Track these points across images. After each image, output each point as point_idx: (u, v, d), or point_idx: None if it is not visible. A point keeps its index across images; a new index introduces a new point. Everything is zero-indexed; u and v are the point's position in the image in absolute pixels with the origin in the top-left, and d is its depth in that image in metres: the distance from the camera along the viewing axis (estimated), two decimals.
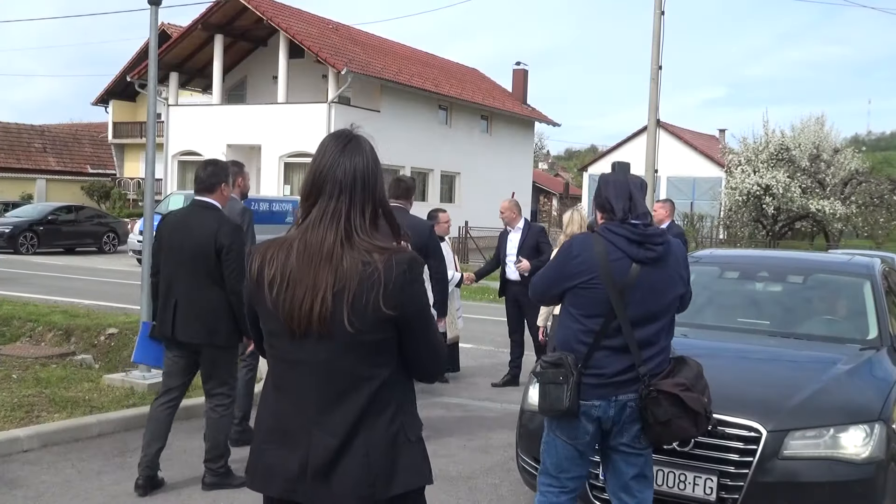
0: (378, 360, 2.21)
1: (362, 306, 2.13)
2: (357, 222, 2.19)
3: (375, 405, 2.20)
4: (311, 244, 2.17)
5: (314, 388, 2.21)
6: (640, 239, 3.60)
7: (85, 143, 41.85)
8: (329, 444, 2.19)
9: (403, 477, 2.22)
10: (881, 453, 4.15)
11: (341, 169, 2.23)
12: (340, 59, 29.16)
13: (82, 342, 9.77)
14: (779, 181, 29.17)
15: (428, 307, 2.32)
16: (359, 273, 2.14)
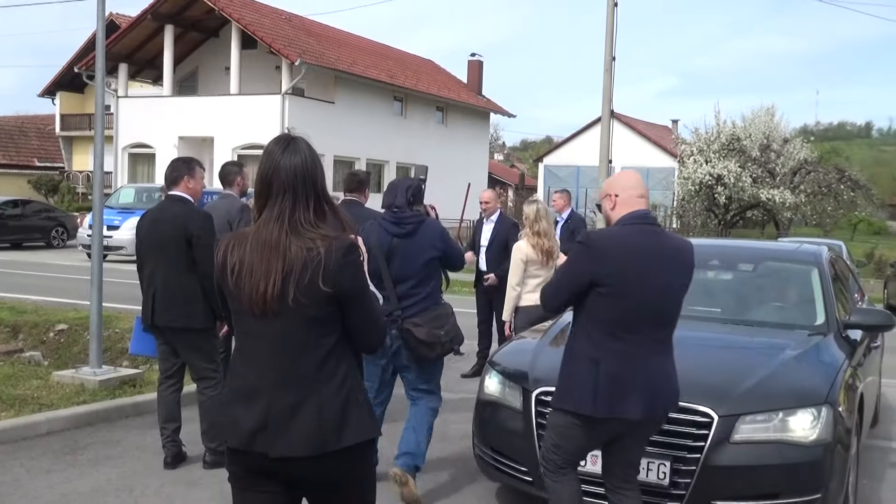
0: (323, 332, 2.57)
1: (305, 285, 2.49)
2: (301, 216, 2.55)
3: (324, 369, 2.57)
4: (263, 238, 2.55)
5: (272, 356, 2.58)
6: (397, 221, 5.00)
7: (31, 136, 40.91)
8: (287, 402, 2.54)
9: (352, 431, 2.57)
10: (828, 436, 4.25)
11: (283, 171, 2.59)
12: (294, 50, 28.90)
13: (30, 339, 9.56)
14: (730, 171, 29.62)
15: (366, 286, 2.64)
16: (303, 258, 2.50)
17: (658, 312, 3.67)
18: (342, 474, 2.63)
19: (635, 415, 3.59)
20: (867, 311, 5.89)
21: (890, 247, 34.23)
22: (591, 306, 3.67)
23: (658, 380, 3.66)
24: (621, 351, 3.60)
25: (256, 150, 28.61)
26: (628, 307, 3.60)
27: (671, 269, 3.70)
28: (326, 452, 2.53)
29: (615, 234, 3.76)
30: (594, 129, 39.33)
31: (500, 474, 4.85)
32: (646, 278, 3.60)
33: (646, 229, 3.73)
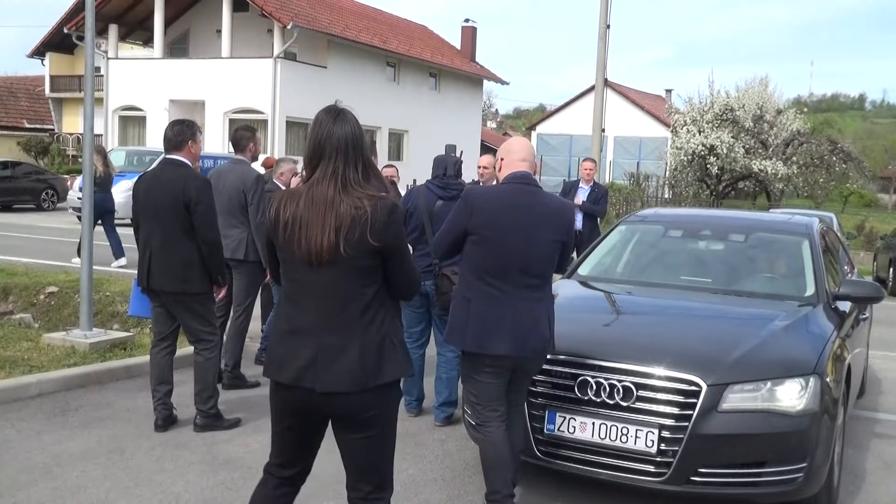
0: (367, 281, 2.88)
1: (355, 239, 2.81)
2: (351, 177, 2.86)
3: (367, 315, 2.89)
4: (318, 196, 2.85)
5: (321, 302, 2.89)
6: (444, 185, 5.89)
7: (21, 97, 40.47)
8: (332, 343, 2.87)
9: (388, 370, 2.91)
10: (815, 405, 4.29)
11: (335, 137, 2.90)
12: (286, 14, 28.59)
13: (21, 301, 9.55)
14: (723, 141, 29.55)
15: (405, 242, 2.96)
16: (352, 214, 2.81)
17: (523, 262, 4.09)
18: (375, 409, 2.94)
19: (501, 350, 4.06)
20: (856, 283, 5.92)
21: (880, 219, 34.34)
22: (467, 253, 4.19)
23: (525, 322, 4.08)
24: (489, 294, 4.10)
25: (248, 115, 28.44)
26: (495, 255, 4.09)
27: (541, 224, 4.14)
28: (365, 389, 2.86)
29: (491, 190, 4.38)
30: (588, 97, 39.19)
31: None
32: (512, 231, 4.08)
33: (522, 188, 4.20)
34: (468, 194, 4.27)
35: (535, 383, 4.56)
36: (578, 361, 4.49)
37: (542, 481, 4.88)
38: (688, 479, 4.22)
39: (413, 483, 4.87)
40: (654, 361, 4.37)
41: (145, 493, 4.51)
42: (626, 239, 6.63)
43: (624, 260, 6.45)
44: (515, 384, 4.28)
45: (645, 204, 28.20)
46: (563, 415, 4.44)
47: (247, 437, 5.46)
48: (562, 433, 4.43)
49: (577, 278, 6.11)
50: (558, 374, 4.52)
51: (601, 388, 4.37)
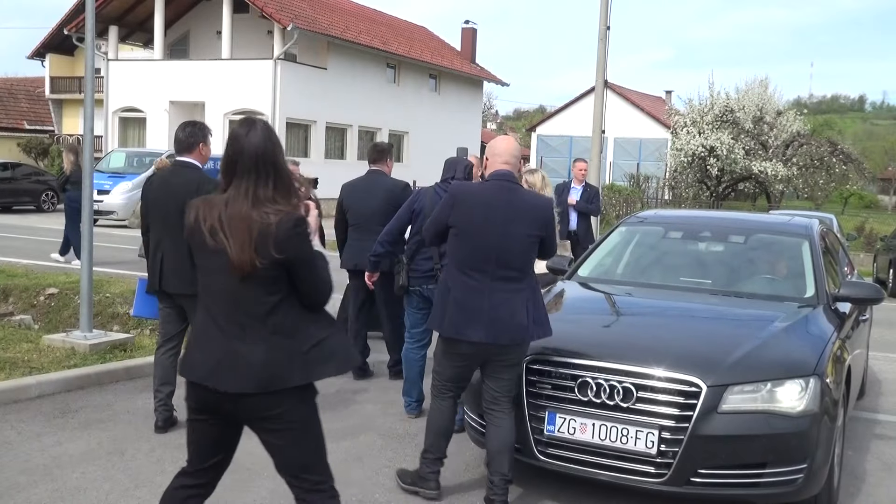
0: (272, 290, 3.00)
1: (263, 250, 2.93)
2: (261, 193, 2.99)
3: (271, 321, 3.01)
4: (234, 212, 2.98)
5: (229, 308, 3.03)
6: None
7: (21, 99, 40.44)
8: (238, 348, 3.00)
9: (295, 376, 3.01)
10: (815, 406, 4.29)
11: (247, 152, 3.01)
12: (286, 15, 28.59)
13: (21, 302, 9.56)
14: (723, 143, 29.57)
15: (311, 254, 3.04)
16: (260, 228, 2.94)
17: (500, 255, 4.34)
18: (281, 410, 3.04)
19: (475, 337, 4.31)
20: (856, 285, 5.91)
21: (880, 221, 34.34)
22: (449, 244, 4.50)
23: (501, 312, 4.32)
24: (468, 284, 4.36)
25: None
26: (474, 248, 4.37)
27: (518, 220, 4.38)
28: (268, 391, 2.98)
29: (474, 187, 4.64)
30: (587, 98, 39.21)
31: None
32: (490, 226, 4.33)
33: (503, 186, 4.45)
34: (452, 190, 4.56)
35: (535, 384, 4.57)
36: (579, 362, 4.49)
37: (542, 482, 4.88)
38: (688, 480, 4.22)
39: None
40: (654, 362, 4.37)
41: (145, 495, 4.51)
42: (626, 240, 6.64)
43: (624, 261, 6.45)
44: (496, 374, 4.48)
45: (645, 205, 28.20)
46: (563, 416, 4.44)
47: (245, 440, 5.44)
48: (562, 434, 4.43)
49: (577, 279, 6.11)
50: (559, 375, 4.52)
51: (601, 389, 4.37)
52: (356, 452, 5.34)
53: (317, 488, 3.19)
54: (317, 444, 3.20)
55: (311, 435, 3.18)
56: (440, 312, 4.47)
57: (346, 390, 6.73)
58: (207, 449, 3.25)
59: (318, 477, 3.19)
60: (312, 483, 3.18)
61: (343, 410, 6.19)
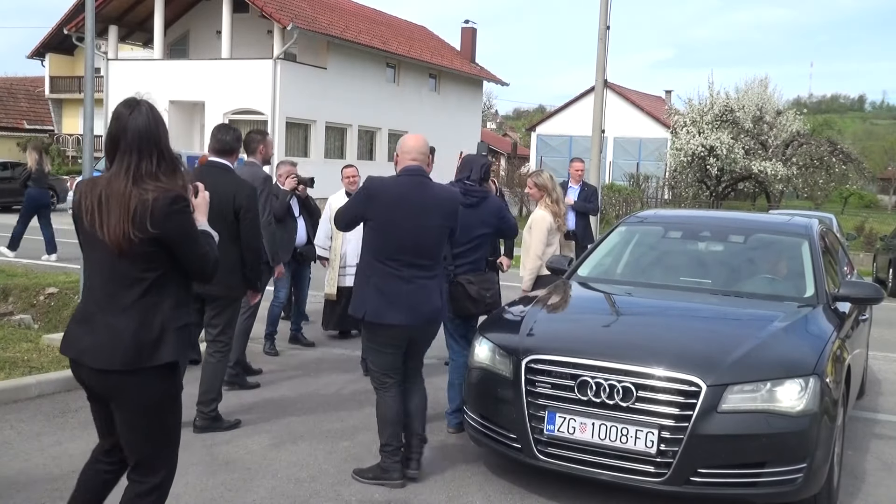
0: (148, 266, 3.05)
1: (139, 227, 2.96)
2: (143, 170, 3.02)
3: (146, 298, 3.05)
4: (113, 190, 3.01)
5: (105, 284, 3.09)
6: (465, 191, 5.52)
7: (21, 98, 40.45)
8: (111, 323, 3.06)
9: (162, 353, 3.05)
10: (815, 406, 4.29)
11: (130, 131, 3.04)
12: (286, 15, 28.58)
13: (21, 302, 9.54)
14: (723, 142, 29.57)
15: (190, 232, 3.10)
16: (139, 204, 2.97)
17: (414, 245, 4.64)
18: (144, 390, 3.09)
19: (395, 321, 4.62)
20: (856, 284, 5.92)
21: (880, 220, 34.34)
22: (366, 236, 4.77)
23: (418, 297, 4.65)
24: (386, 272, 4.63)
25: (248, 116, 28.44)
26: (389, 240, 4.63)
27: (430, 213, 4.69)
28: (137, 368, 3.03)
29: (388, 182, 4.82)
30: (587, 98, 39.19)
31: (488, 441, 4.88)
32: (404, 219, 4.59)
33: (414, 180, 4.75)
34: (367, 185, 4.77)
35: (535, 384, 4.57)
36: (578, 362, 4.49)
37: (542, 482, 4.88)
38: (687, 480, 4.22)
39: (413, 484, 4.87)
40: (653, 362, 4.37)
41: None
42: (625, 240, 6.64)
43: (624, 261, 6.45)
44: (412, 353, 4.88)
45: (645, 205, 28.21)
46: (563, 415, 4.44)
47: (246, 439, 5.46)
48: (562, 434, 4.43)
49: (577, 279, 6.11)
50: (558, 374, 4.52)
51: (601, 388, 4.37)
52: (356, 452, 5.34)
53: (143, 481, 3.20)
54: (162, 434, 3.21)
55: (164, 421, 3.20)
56: (361, 300, 4.70)
57: (345, 390, 6.74)
58: (106, 426, 3.29)
59: (155, 469, 3.21)
60: (143, 475, 3.21)
61: (342, 411, 6.18)
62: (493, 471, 5.14)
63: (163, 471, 3.24)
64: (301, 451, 5.29)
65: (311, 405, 6.17)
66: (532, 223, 6.86)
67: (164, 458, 3.24)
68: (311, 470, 5.00)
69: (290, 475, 4.90)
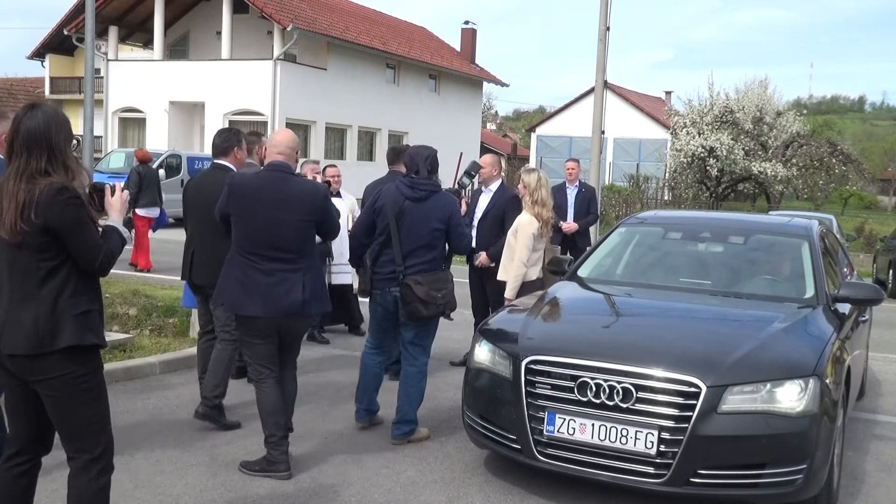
0: (42, 257, 3.21)
1: (26, 218, 3.13)
2: (34, 167, 3.20)
3: (46, 286, 3.21)
4: (7, 188, 3.19)
5: (9, 273, 3.26)
6: (412, 185, 5.42)
7: (21, 99, 40.39)
8: (14, 311, 3.23)
9: (63, 337, 3.20)
10: (815, 407, 4.29)
11: (21, 133, 3.24)
12: (286, 16, 28.60)
13: None
14: (723, 143, 29.58)
15: (75, 222, 3.20)
16: (26, 197, 3.15)
17: (272, 239, 4.73)
18: (57, 372, 3.22)
19: (252, 312, 4.76)
20: (856, 285, 5.92)
21: (880, 221, 34.37)
22: (232, 230, 4.88)
23: (277, 289, 4.74)
24: (246, 263, 4.75)
25: (248, 117, 28.46)
26: (247, 233, 4.78)
27: (288, 207, 4.76)
28: (42, 353, 3.18)
29: (249, 178, 4.98)
30: (587, 99, 39.21)
31: (488, 442, 4.88)
32: (262, 213, 4.70)
33: (274, 175, 4.85)
34: (229, 181, 4.92)
35: (535, 384, 4.57)
36: (578, 363, 4.49)
37: (541, 483, 4.88)
38: (687, 481, 4.22)
39: (412, 485, 4.87)
40: (653, 363, 4.37)
41: (145, 496, 4.51)
42: (625, 241, 6.64)
43: (624, 262, 6.45)
44: (285, 345, 4.98)
45: (644, 206, 28.22)
46: (562, 416, 4.44)
47: (246, 440, 5.46)
48: (562, 434, 4.43)
49: (576, 280, 6.11)
50: (558, 375, 4.52)
51: (601, 389, 4.37)
52: (355, 453, 5.34)
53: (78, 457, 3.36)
54: (88, 411, 3.32)
55: (83, 402, 3.31)
56: (221, 290, 4.91)
57: (344, 391, 6.73)
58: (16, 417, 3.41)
59: (85, 447, 3.35)
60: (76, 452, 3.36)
61: (342, 411, 6.18)
62: (493, 471, 5.13)
63: (97, 447, 3.38)
64: (301, 452, 5.29)
65: (311, 405, 6.17)
66: (518, 227, 6.64)
67: (93, 433, 3.37)
68: (310, 471, 5.00)
69: None
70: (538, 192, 6.66)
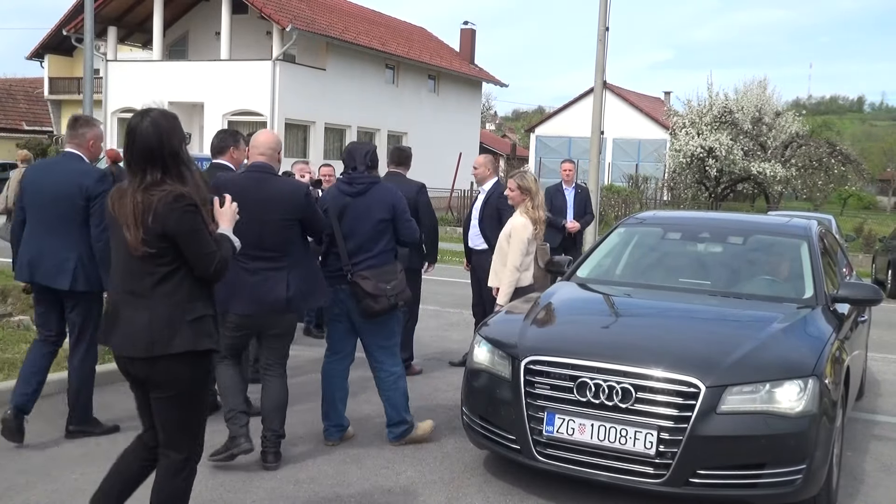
0: (159, 261, 3.28)
1: (145, 226, 3.23)
2: (150, 177, 3.28)
3: (160, 290, 3.29)
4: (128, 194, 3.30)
5: (124, 278, 3.36)
6: (350, 181, 5.38)
7: (20, 99, 40.42)
8: (128, 313, 3.32)
9: (179, 342, 3.28)
10: (814, 407, 4.29)
11: (136, 145, 3.30)
12: (285, 16, 28.60)
13: (19, 303, 9.52)
14: (722, 144, 29.60)
15: (193, 229, 3.29)
16: (144, 207, 3.24)
17: (257, 239, 4.78)
18: (169, 377, 3.31)
19: (240, 311, 4.88)
20: (855, 286, 5.92)
21: (879, 221, 34.37)
22: None
23: (262, 288, 4.86)
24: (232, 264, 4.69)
25: (247, 117, 28.45)
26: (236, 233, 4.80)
27: (271, 207, 4.85)
28: (153, 356, 3.26)
29: (234, 178, 5.12)
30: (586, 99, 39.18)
31: (488, 442, 4.88)
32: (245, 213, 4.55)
33: (257, 176, 4.95)
34: (214, 182, 4.83)
35: (534, 385, 4.57)
36: (577, 363, 4.49)
37: (541, 483, 4.88)
38: (687, 481, 4.23)
39: (412, 485, 4.87)
40: (652, 363, 4.38)
41: (144, 496, 4.49)
42: (624, 241, 6.64)
43: (623, 262, 6.45)
44: (269, 343, 5.09)
45: (644, 206, 28.22)
46: (562, 416, 4.44)
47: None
48: (561, 435, 4.43)
49: (576, 280, 6.11)
50: (557, 375, 4.52)
51: (600, 389, 4.37)
52: (355, 453, 5.35)
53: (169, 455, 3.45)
54: (187, 414, 3.42)
55: (187, 405, 3.40)
56: None
57: None
58: (147, 417, 3.52)
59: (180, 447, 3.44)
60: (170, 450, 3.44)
61: None
62: (493, 472, 5.14)
63: (190, 449, 3.47)
64: (300, 452, 5.29)
65: (311, 405, 6.17)
66: (511, 230, 6.32)
67: (190, 436, 3.46)
68: (310, 471, 5.00)
69: (289, 476, 4.90)
70: (538, 197, 6.46)
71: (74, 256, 5.14)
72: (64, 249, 5.14)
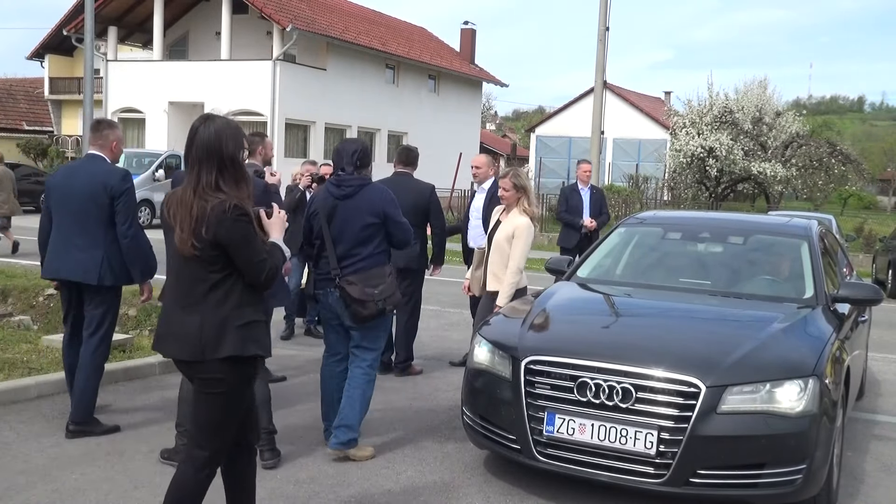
0: (210, 268, 3.35)
1: (197, 233, 3.29)
2: (203, 181, 3.34)
3: (211, 296, 3.36)
4: (182, 199, 3.38)
5: (176, 283, 3.46)
6: (338, 183, 5.22)
7: (20, 99, 40.39)
8: (179, 318, 3.41)
9: (227, 346, 3.34)
10: (814, 407, 4.29)
11: (195, 146, 3.38)
12: (285, 16, 28.60)
13: (20, 303, 9.53)
14: (722, 144, 29.59)
15: (245, 238, 3.33)
16: (198, 213, 3.30)
17: None
18: (212, 380, 3.37)
19: None
20: (855, 285, 5.92)
21: (879, 221, 34.37)
22: None
23: None
24: None
25: (247, 117, 28.43)
26: None
27: None
28: (200, 360, 3.34)
29: None
30: (587, 99, 39.20)
31: (488, 442, 4.88)
32: None
33: None
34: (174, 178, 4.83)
35: (535, 385, 4.57)
36: (578, 363, 4.49)
37: (541, 483, 4.88)
38: (687, 481, 4.23)
39: (412, 485, 4.87)
40: (653, 363, 4.38)
41: (144, 496, 4.50)
42: (625, 241, 6.64)
43: (623, 262, 6.45)
44: None
45: (644, 206, 28.20)
46: (562, 416, 4.44)
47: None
48: (561, 435, 4.43)
49: (576, 280, 6.11)
50: (558, 375, 4.52)
51: (600, 389, 4.37)
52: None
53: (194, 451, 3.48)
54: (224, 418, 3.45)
55: (224, 407, 3.44)
56: None
57: None
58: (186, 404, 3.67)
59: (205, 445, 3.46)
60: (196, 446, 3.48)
61: None
62: (493, 472, 5.14)
63: (213, 449, 3.49)
64: (301, 452, 5.29)
65: (311, 405, 6.17)
66: (516, 231, 6.16)
67: (218, 436, 3.49)
68: (310, 471, 5.00)
69: (289, 475, 4.90)
70: (531, 192, 6.33)
71: (101, 253, 5.32)
72: (91, 247, 5.33)
